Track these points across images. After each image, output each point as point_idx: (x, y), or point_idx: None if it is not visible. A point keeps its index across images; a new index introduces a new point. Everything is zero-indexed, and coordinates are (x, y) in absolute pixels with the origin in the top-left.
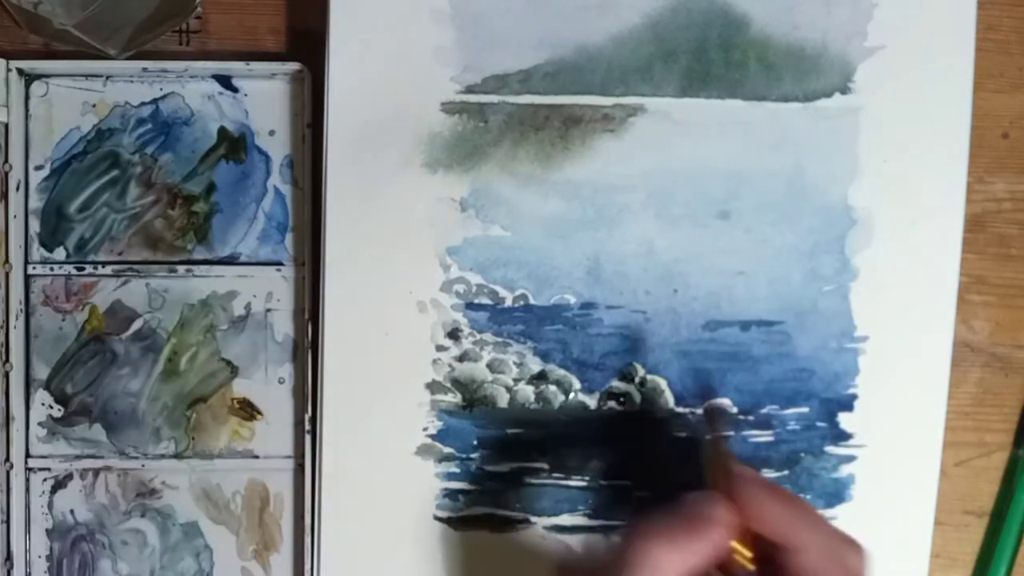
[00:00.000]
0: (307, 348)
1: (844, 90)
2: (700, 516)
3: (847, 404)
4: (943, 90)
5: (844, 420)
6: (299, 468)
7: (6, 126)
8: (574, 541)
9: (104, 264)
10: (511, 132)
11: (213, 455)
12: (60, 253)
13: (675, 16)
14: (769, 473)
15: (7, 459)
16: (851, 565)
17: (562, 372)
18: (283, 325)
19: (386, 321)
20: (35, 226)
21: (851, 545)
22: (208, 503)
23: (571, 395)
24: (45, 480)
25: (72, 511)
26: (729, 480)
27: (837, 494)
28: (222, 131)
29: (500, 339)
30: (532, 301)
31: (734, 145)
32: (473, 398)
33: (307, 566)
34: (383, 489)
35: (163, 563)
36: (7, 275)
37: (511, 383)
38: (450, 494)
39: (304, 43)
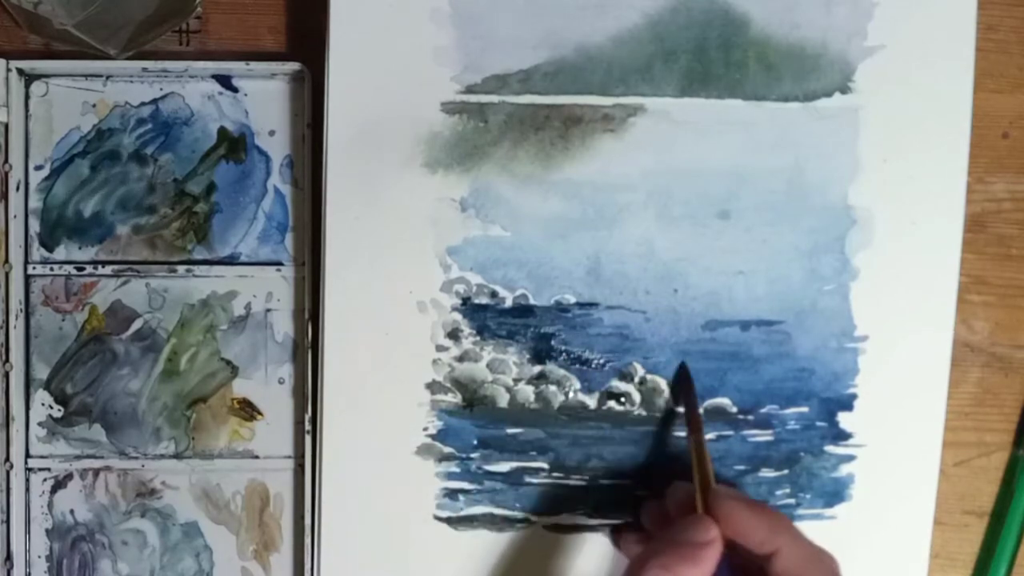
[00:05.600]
0: (307, 348)
1: (844, 90)
2: (695, 543)
3: (847, 404)
4: (943, 90)
5: (844, 420)
6: (299, 468)
7: (6, 126)
8: (574, 540)
9: (104, 264)
10: (511, 132)
11: (213, 455)
12: (60, 253)
13: (675, 16)
14: (768, 473)
15: (7, 459)
16: (827, 566)
17: (562, 372)
18: (283, 325)
19: (386, 321)
20: (35, 226)
21: (825, 553)
22: (208, 503)
23: (571, 395)
24: (45, 480)
25: (72, 511)
26: (709, 497)
27: (837, 493)
28: (222, 131)
29: (500, 339)
30: (532, 301)
31: (734, 145)
32: (473, 398)
33: (307, 566)
34: (383, 489)
35: (163, 563)
36: (7, 275)
37: (511, 383)
38: (450, 494)
39: (304, 43)
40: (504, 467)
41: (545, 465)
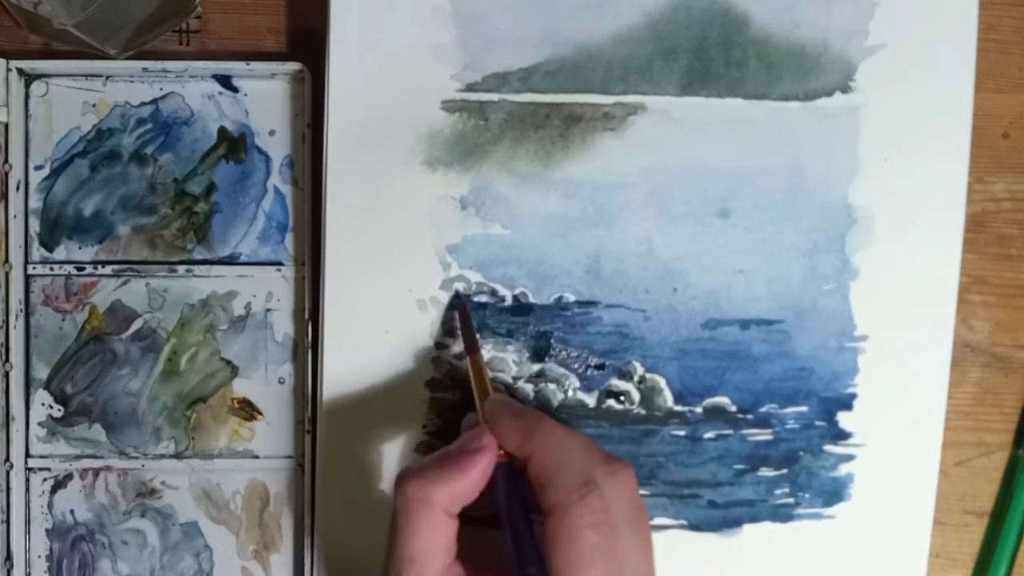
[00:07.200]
0: (307, 348)
1: (845, 89)
2: (464, 453)
3: (846, 403)
4: (944, 89)
5: (843, 419)
6: (299, 468)
7: (6, 126)
8: None
9: (104, 264)
10: (511, 130)
11: (213, 455)
12: (60, 253)
13: (675, 15)
14: (768, 472)
15: (7, 459)
16: (577, 471)
17: (561, 370)
18: (283, 325)
19: (386, 320)
20: (35, 226)
21: (579, 455)
22: (208, 503)
23: (570, 393)
24: (45, 480)
25: (72, 511)
26: (482, 405)
27: (836, 493)
28: (222, 131)
29: (500, 337)
30: (532, 299)
31: (734, 144)
32: (472, 396)
33: (307, 566)
34: (383, 488)
35: (163, 563)
36: (7, 275)
37: (510, 381)
38: None
39: (304, 43)
40: None
41: None
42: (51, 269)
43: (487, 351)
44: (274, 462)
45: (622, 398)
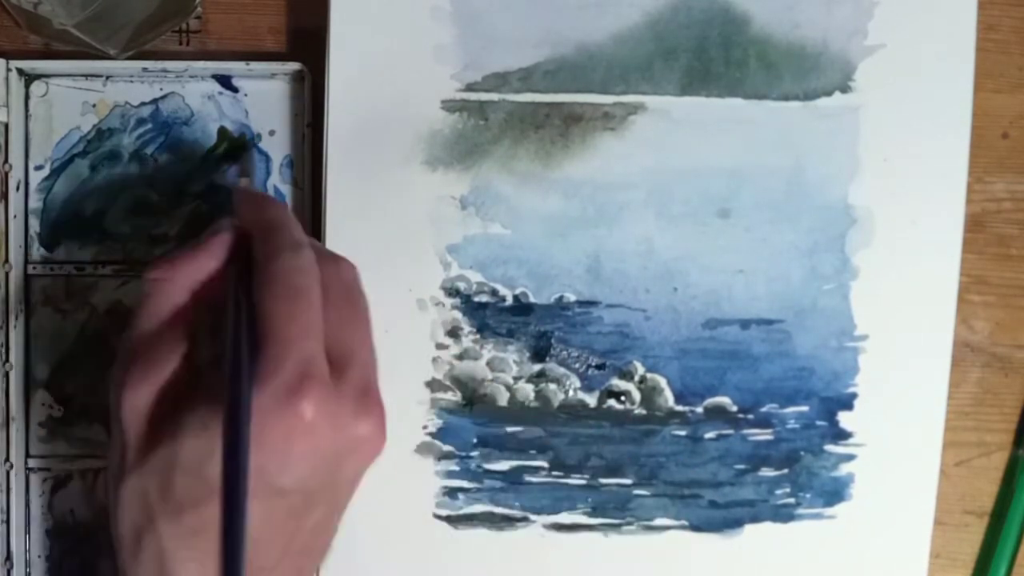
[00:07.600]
0: None
1: (844, 89)
2: (204, 237)
3: (847, 403)
4: (944, 89)
5: (844, 419)
6: None
7: (6, 126)
8: (574, 539)
9: (104, 264)
10: (511, 130)
11: None
12: (60, 253)
13: (675, 14)
14: (768, 472)
15: (7, 459)
16: (298, 231)
17: (562, 370)
18: None
19: (386, 319)
20: (35, 226)
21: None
22: None
23: (570, 393)
24: (45, 480)
25: (72, 511)
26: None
27: (836, 493)
28: (222, 131)
29: (500, 337)
30: (532, 299)
31: (734, 143)
32: (473, 396)
33: None
34: (382, 487)
35: None
36: (7, 275)
37: (511, 381)
38: (450, 492)
39: (304, 43)
40: (504, 466)
41: (545, 464)
42: (51, 269)
43: (487, 351)
44: None
45: (623, 398)
